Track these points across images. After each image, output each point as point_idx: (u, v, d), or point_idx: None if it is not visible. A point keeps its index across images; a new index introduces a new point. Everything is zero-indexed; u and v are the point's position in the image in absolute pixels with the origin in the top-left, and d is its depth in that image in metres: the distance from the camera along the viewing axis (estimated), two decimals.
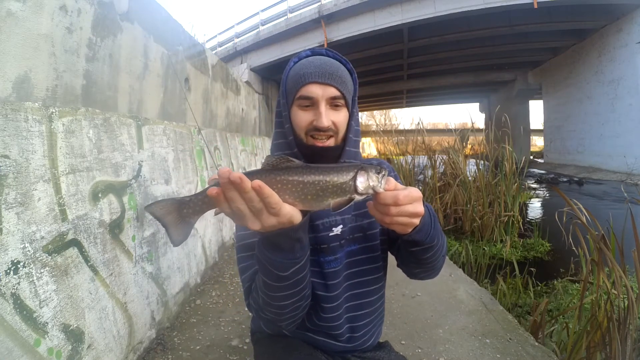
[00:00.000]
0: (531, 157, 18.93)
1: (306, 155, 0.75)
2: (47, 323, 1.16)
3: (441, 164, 6.23)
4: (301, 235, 0.59)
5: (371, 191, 0.56)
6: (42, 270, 1.18)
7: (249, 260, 0.75)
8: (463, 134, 6.60)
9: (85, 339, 1.32)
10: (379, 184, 0.56)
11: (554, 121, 16.86)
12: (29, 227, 1.16)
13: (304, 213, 0.57)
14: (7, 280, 1.05)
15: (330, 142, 0.74)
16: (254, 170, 0.55)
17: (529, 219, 5.82)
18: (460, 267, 3.22)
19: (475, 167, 5.37)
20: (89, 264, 1.42)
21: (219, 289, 2.64)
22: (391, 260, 0.87)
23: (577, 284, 2.83)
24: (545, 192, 8.97)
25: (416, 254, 0.70)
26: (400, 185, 0.59)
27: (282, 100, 0.76)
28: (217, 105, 4.28)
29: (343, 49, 12.67)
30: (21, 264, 1.11)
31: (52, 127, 1.34)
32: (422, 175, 6.59)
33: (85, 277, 1.38)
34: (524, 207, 5.84)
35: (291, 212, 0.53)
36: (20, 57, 1.28)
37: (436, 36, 13.01)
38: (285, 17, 13.49)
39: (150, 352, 1.78)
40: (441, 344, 1.87)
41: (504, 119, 5.40)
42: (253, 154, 5.92)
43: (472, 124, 6.91)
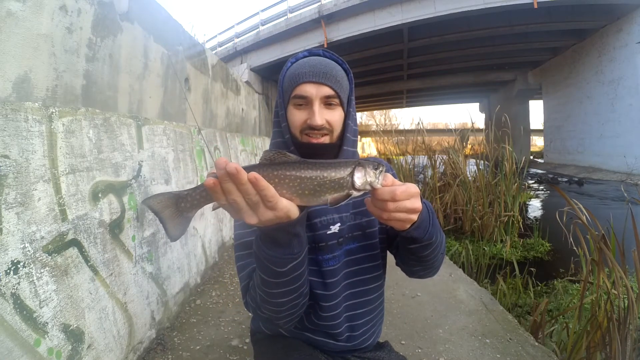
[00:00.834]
0: (531, 157, 18.94)
1: (303, 154, 0.75)
2: (47, 323, 1.16)
3: (441, 164, 6.23)
4: (299, 230, 0.58)
5: (368, 187, 0.56)
6: (42, 270, 1.18)
7: (246, 259, 0.75)
8: (463, 134, 6.60)
9: (85, 339, 1.32)
10: (377, 180, 0.56)
11: (554, 121, 16.87)
12: (29, 227, 1.16)
13: (301, 208, 0.56)
14: (7, 280, 1.05)
15: (325, 139, 0.75)
16: (251, 164, 0.55)
17: (529, 219, 5.82)
18: (460, 267, 3.22)
19: (475, 167, 5.37)
20: (89, 264, 1.42)
21: (219, 289, 2.64)
22: (391, 260, 0.87)
23: (577, 284, 2.83)
24: (545, 192, 8.97)
25: (415, 251, 0.70)
26: (398, 182, 0.59)
27: (279, 99, 0.78)
28: (217, 105, 4.28)
29: (343, 49, 12.69)
30: (21, 264, 1.11)
31: (52, 127, 1.34)
32: (422, 175, 6.59)
33: (85, 277, 1.38)
34: (524, 207, 5.84)
35: (288, 206, 0.53)
36: (20, 57, 1.28)
37: (436, 36, 13.02)
38: (285, 17, 13.49)
39: (150, 352, 1.78)
40: (441, 344, 1.87)
41: (504, 119, 5.40)
42: (253, 154, 5.92)
43: (472, 124, 6.91)
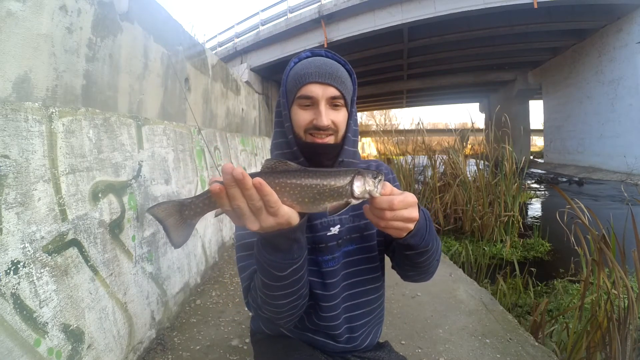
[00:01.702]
0: (531, 157, 18.93)
1: (305, 154, 0.76)
2: (47, 323, 1.16)
3: (441, 164, 6.23)
4: (299, 235, 0.59)
5: (367, 195, 0.57)
6: (42, 270, 1.18)
7: (247, 260, 0.76)
8: (463, 134, 6.60)
9: (85, 339, 1.32)
10: (375, 189, 0.57)
11: (554, 121, 16.86)
12: (29, 227, 1.16)
13: (301, 215, 0.58)
14: (7, 280, 1.05)
15: (330, 139, 0.75)
16: (254, 172, 0.56)
17: (529, 219, 5.82)
18: (460, 267, 3.22)
19: (475, 167, 5.37)
20: (89, 264, 1.42)
21: (219, 289, 2.64)
22: (389, 261, 0.87)
23: (577, 284, 2.83)
24: (545, 192, 8.97)
25: (410, 257, 0.71)
26: (396, 190, 0.60)
27: (282, 99, 0.78)
28: (217, 105, 4.28)
29: (343, 49, 12.68)
30: (21, 264, 1.11)
31: (52, 127, 1.34)
32: (422, 175, 6.59)
33: (85, 277, 1.38)
34: (524, 207, 5.84)
35: (289, 213, 0.54)
36: (20, 57, 1.28)
37: (436, 36, 13.01)
38: (285, 17, 13.48)
39: (150, 352, 1.78)
40: (441, 344, 1.87)
41: (504, 119, 5.40)
42: (253, 154, 5.92)
43: (472, 124, 6.91)
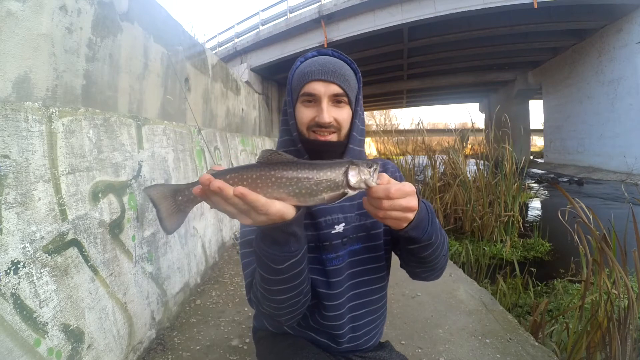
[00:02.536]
0: (531, 157, 18.93)
1: (310, 151, 0.77)
2: (47, 323, 1.16)
3: (441, 164, 6.23)
4: (295, 229, 0.59)
5: (363, 185, 0.57)
6: (42, 270, 1.18)
7: (251, 256, 0.76)
8: (463, 134, 6.60)
9: (85, 339, 1.32)
10: (371, 178, 0.57)
11: (554, 121, 16.86)
12: (29, 227, 1.16)
13: (298, 208, 0.57)
14: (7, 280, 1.05)
15: (332, 137, 0.75)
16: (247, 165, 0.55)
17: (529, 219, 5.82)
18: (460, 267, 3.22)
19: (475, 167, 5.37)
20: (89, 264, 1.42)
21: (219, 289, 2.64)
22: (392, 261, 0.87)
23: (577, 284, 2.83)
24: (546, 192, 8.97)
25: (415, 251, 0.70)
26: (394, 181, 0.59)
27: (287, 98, 0.79)
28: (217, 105, 4.28)
29: (343, 49, 12.48)
30: (21, 264, 1.11)
31: (52, 127, 1.34)
32: (422, 175, 6.59)
33: (85, 277, 1.38)
34: (524, 207, 5.84)
35: (281, 209, 0.53)
36: (20, 57, 1.28)
37: (436, 36, 13.01)
38: (285, 17, 13.49)
39: (150, 352, 1.78)
40: (441, 344, 1.87)
41: (504, 119, 5.40)
42: (253, 154, 5.92)
43: (472, 124, 6.89)
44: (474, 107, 29.53)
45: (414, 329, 2.04)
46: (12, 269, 1.07)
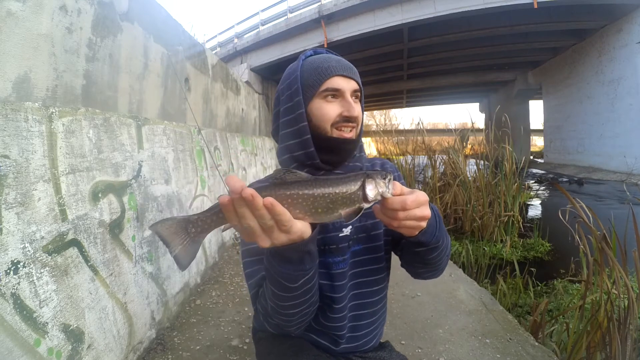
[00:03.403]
0: (531, 157, 18.92)
1: (327, 150, 0.74)
2: (47, 323, 1.16)
3: (441, 164, 6.23)
4: (311, 247, 0.58)
5: (380, 197, 0.56)
6: (42, 270, 1.18)
7: (255, 265, 0.74)
8: (463, 134, 6.60)
9: (85, 339, 1.32)
10: (387, 190, 0.56)
11: (554, 121, 16.86)
12: (29, 227, 1.16)
13: (313, 226, 0.56)
14: (7, 280, 1.05)
15: (353, 134, 0.76)
16: (263, 185, 0.54)
17: (529, 219, 5.82)
18: (460, 267, 3.22)
19: (475, 167, 5.37)
20: (89, 264, 1.42)
21: (219, 289, 2.64)
22: (392, 260, 0.87)
23: (577, 284, 2.83)
24: (546, 192, 8.97)
25: (421, 254, 0.70)
26: (406, 189, 0.59)
27: (296, 98, 0.73)
28: (217, 105, 4.28)
29: (343, 49, 12.68)
30: (21, 264, 1.11)
31: (52, 127, 1.34)
32: (422, 175, 6.59)
33: (85, 277, 1.38)
34: (524, 207, 5.83)
35: (302, 228, 0.52)
36: (20, 57, 1.28)
37: (436, 36, 13.01)
38: (285, 17, 13.48)
39: (150, 352, 1.78)
40: (441, 344, 1.87)
41: (504, 119, 5.40)
42: (253, 154, 5.92)
43: (472, 124, 6.89)
44: (474, 107, 29.58)
45: (414, 329, 2.04)
46: (12, 269, 1.08)
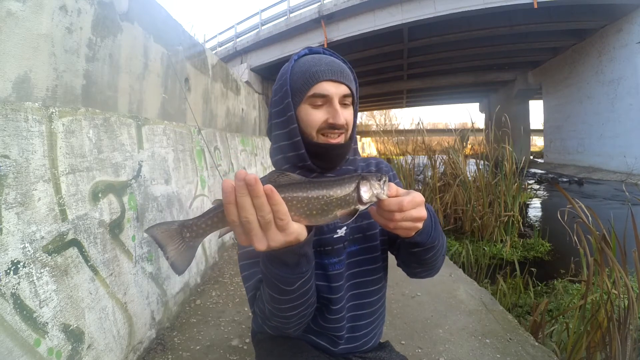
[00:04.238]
0: (531, 157, 18.93)
1: (315, 154, 0.74)
2: (47, 323, 1.16)
3: (441, 164, 6.23)
4: (307, 250, 0.58)
5: (375, 199, 0.56)
6: (42, 270, 1.18)
7: (252, 268, 0.74)
8: (463, 134, 6.59)
9: (85, 339, 1.32)
10: (382, 191, 0.56)
11: (554, 121, 16.86)
12: (29, 227, 1.16)
13: (309, 228, 0.56)
14: (7, 280, 1.05)
15: (341, 139, 0.74)
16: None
17: (529, 219, 5.82)
18: (460, 267, 3.22)
19: (475, 167, 5.37)
20: (89, 264, 1.42)
21: (219, 289, 2.64)
22: (391, 260, 0.87)
23: (577, 284, 2.83)
24: (545, 192, 8.97)
25: (417, 254, 0.71)
26: (401, 190, 0.59)
27: (287, 100, 0.73)
28: (217, 105, 4.28)
29: (343, 49, 12.69)
30: (21, 264, 1.11)
31: (52, 127, 1.34)
32: (422, 175, 6.59)
33: (85, 277, 1.38)
34: (524, 207, 5.84)
35: (298, 230, 0.52)
36: (20, 57, 1.28)
37: (436, 36, 13.02)
38: (286, 17, 13.50)
39: (150, 352, 1.78)
40: (441, 344, 1.87)
41: (504, 119, 5.40)
42: (253, 154, 5.92)
43: (472, 124, 6.89)
44: (474, 107, 29.62)
45: (414, 329, 2.04)
46: (12, 269, 1.08)
